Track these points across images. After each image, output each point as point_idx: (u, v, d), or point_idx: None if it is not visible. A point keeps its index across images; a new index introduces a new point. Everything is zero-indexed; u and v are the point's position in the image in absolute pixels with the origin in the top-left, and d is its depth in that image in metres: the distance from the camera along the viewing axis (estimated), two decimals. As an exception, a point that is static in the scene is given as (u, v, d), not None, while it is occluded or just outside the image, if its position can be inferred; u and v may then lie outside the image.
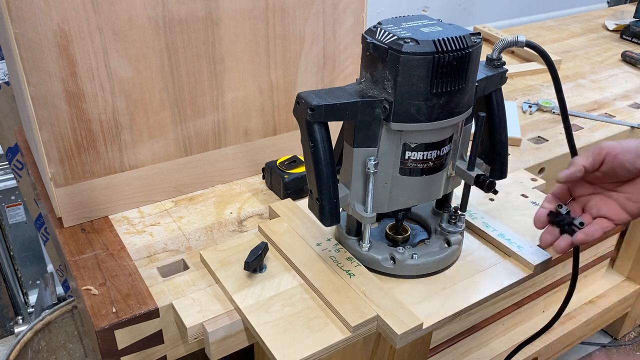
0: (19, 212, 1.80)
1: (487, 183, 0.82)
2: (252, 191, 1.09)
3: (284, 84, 1.07)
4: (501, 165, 0.89)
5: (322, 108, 0.72)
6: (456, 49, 0.70)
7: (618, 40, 1.94)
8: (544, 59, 0.86)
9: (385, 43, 0.72)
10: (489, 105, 0.86)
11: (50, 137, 0.89)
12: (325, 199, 0.76)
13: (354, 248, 0.87)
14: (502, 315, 1.36)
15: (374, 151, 0.78)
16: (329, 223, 0.78)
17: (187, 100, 0.99)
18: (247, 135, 1.09)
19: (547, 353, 1.51)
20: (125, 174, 0.99)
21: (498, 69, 0.84)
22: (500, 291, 0.86)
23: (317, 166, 0.75)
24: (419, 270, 0.85)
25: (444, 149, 0.79)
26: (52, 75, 0.85)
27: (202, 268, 0.89)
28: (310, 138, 0.74)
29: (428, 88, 0.71)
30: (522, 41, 0.82)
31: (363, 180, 0.80)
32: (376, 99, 0.74)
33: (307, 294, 0.82)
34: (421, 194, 0.83)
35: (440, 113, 0.74)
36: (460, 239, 0.89)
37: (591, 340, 1.83)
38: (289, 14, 1.02)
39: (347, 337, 0.75)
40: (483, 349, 1.41)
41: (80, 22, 0.84)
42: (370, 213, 0.80)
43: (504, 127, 0.88)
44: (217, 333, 0.78)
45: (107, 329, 0.78)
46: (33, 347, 1.39)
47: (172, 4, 0.90)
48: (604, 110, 1.45)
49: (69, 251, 0.92)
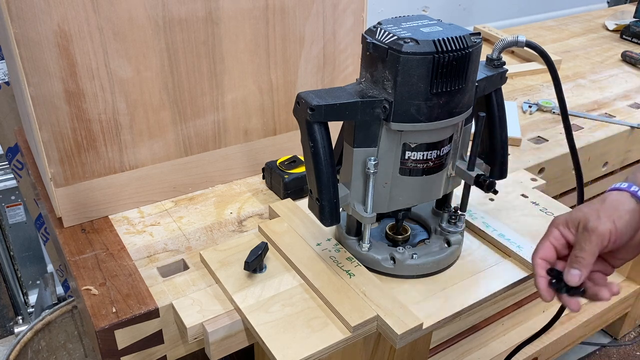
0: (19, 212, 1.80)
1: (487, 183, 0.82)
2: (252, 191, 1.09)
3: (284, 84, 1.07)
4: (501, 165, 0.89)
5: (322, 108, 0.72)
6: (456, 49, 0.70)
7: (618, 40, 1.94)
8: (544, 59, 0.86)
9: (385, 43, 0.72)
10: (489, 105, 0.86)
11: (50, 137, 0.89)
12: (325, 199, 0.76)
13: (354, 248, 0.87)
14: (502, 315, 1.36)
15: (374, 151, 0.78)
16: (329, 223, 0.78)
17: (187, 100, 0.99)
18: (247, 135, 1.09)
19: (547, 353, 1.51)
20: (125, 174, 0.99)
21: (498, 69, 0.84)
22: (500, 291, 0.86)
23: (317, 166, 0.75)
24: (419, 270, 0.85)
25: (443, 149, 0.79)
26: (52, 75, 0.85)
27: (202, 268, 0.89)
28: (310, 138, 0.74)
29: (428, 88, 0.71)
30: (522, 41, 0.82)
31: (363, 180, 0.80)
32: (376, 99, 0.74)
33: (307, 294, 0.82)
34: (421, 194, 0.83)
35: (440, 113, 0.74)
36: (460, 239, 0.89)
37: (591, 340, 1.83)
38: (289, 14, 1.02)
39: (347, 337, 0.75)
40: (483, 349, 1.41)
41: (80, 22, 0.84)
42: (370, 213, 0.80)
43: (504, 127, 0.88)
44: (217, 333, 0.78)
45: (107, 329, 0.78)
46: (33, 347, 1.39)
47: (172, 4, 0.90)
48: (604, 110, 1.45)
49: (69, 251, 0.92)
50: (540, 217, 1.00)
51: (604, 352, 1.84)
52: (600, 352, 1.84)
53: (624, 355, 1.83)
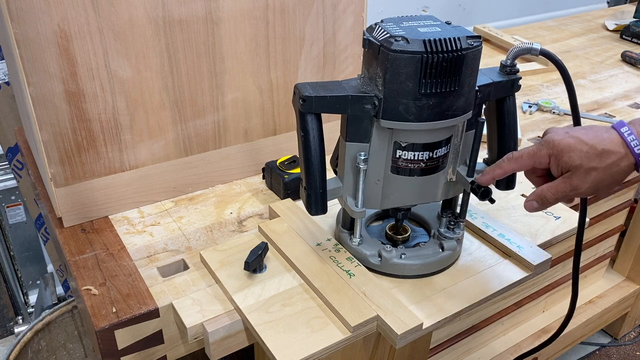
0: (19, 212, 1.80)
1: (481, 190, 0.81)
2: (252, 191, 1.09)
3: (284, 84, 1.07)
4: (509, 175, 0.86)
5: (312, 99, 0.74)
6: (447, 50, 0.70)
7: (618, 40, 1.94)
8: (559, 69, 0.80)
9: (378, 40, 0.72)
10: (498, 112, 0.85)
11: (50, 137, 0.89)
12: (311, 187, 0.78)
13: (346, 242, 0.88)
14: (502, 315, 1.36)
15: (366, 147, 0.78)
16: (313, 212, 0.80)
17: (187, 100, 0.99)
18: (247, 135, 1.09)
19: (547, 353, 1.51)
20: (125, 174, 0.99)
21: (510, 76, 0.82)
22: (500, 291, 0.86)
23: (306, 155, 0.76)
24: (406, 271, 0.85)
25: (437, 151, 0.79)
26: (52, 75, 0.85)
27: (202, 268, 0.89)
28: (302, 128, 0.76)
29: (417, 88, 0.71)
30: (537, 49, 0.78)
31: (354, 174, 0.80)
32: (366, 95, 0.74)
33: (307, 294, 0.82)
34: (416, 195, 0.83)
35: (431, 114, 0.74)
36: (455, 245, 0.88)
37: (591, 340, 1.83)
38: (289, 14, 1.02)
39: (347, 337, 0.76)
40: (483, 349, 1.41)
41: (80, 22, 0.84)
42: (361, 208, 0.81)
43: (514, 136, 0.85)
44: (217, 333, 0.78)
45: (107, 329, 0.78)
46: (33, 347, 1.39)
47: (172, 4, 0.90)
48: (604, 110, 1.45)
49: (69, 251, 0.92)
50: (540, 217, 1.00)
51: (604, 352, 1.84)
52: (600, 352, 1.84)
53: (624, 355, 1.83)
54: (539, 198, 0.74)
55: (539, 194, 0.74)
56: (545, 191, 0.73)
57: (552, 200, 0.74)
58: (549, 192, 0.73)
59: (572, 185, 0.71)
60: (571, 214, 1.01)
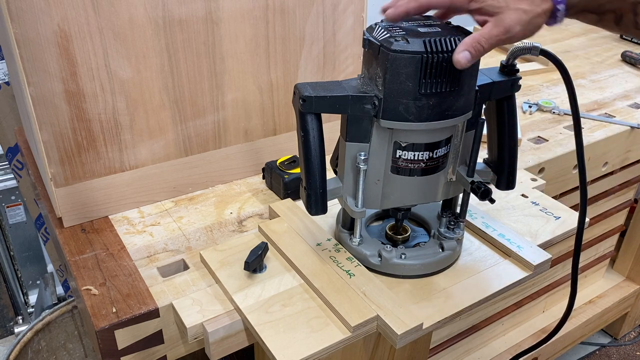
0: (19, 212, 1.80)
1: (481, 190, 0.80)
2: (252, 191, 1.09)
3: (284, 84, 1.07)
4: (509, 175, 0.87)
5: (312, 99, 0.73)
6: (447, 50, 0.70)
7: (618, 40, 1.94)
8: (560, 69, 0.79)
9: (378, 40, 0.72)
10: (498, 113, 0.84)
11: (50, 137, 0.89)
12: (311, 187, 0.78)
13: (346, 242, 0.88)
14: (502, 315, 1.37)
15: (366, 147, 0.78)
16: (313, 212, 0.80)
17: (187, 100, 0.99)
18: (247, 135, 1.09)
19: (547, 353, 1.52)
20: (125, 174, 0.99)
21: (510, 76, 0.82)
22: (500, 291, 0.86)
23: (306, 155, 0.76)
24: (406, 271, 0.85)
25: (437, 151, 0.79)
26: (52, 75, 0.85)
27: (202, 268, 0.89)
28: (302, 128, 0.76)
29: (416, 88, 0.71)
30: (537, 49, 0.78)
31: (354, 174, 0.80)
32: (366, 95, 0.74)
33: (307, 294, 0.82)
34: (416, 195, 0.83)
35: (431, 114, 0.74)
36: (455, 246, 0.88)
37: (591, 340, 1.83)
38: (289, 14, 1.02)
39: (347, 337, 0.76)
40: (483, 349, 1.41)
41: (80, 22, 0.84)
42: (361, 208, 0.81)
43: (514, 136, 0.85)
44: (217, 333, 0.78)
45: (107, 329, 0.78)
46: (33, 347, 1.39)
47: (172, 4, 0.90)
48: (604, 110, 1.45)
49: (69, 251, 0.92)
50: (540, 217, 1.00)
51: (604, 352, 1.84)
52: (600, 352, 1.84)
53: (624, 355, 1.83)
54: (473, 47, 0.69)
55: (471, 42, 0.69)
56: (478, 37, 0.69)
57: (486, 47, 0.69)
58: (483, 38, 0.69)
59: (505, 27, 0.68)
60: (571, 214, 1.01)
